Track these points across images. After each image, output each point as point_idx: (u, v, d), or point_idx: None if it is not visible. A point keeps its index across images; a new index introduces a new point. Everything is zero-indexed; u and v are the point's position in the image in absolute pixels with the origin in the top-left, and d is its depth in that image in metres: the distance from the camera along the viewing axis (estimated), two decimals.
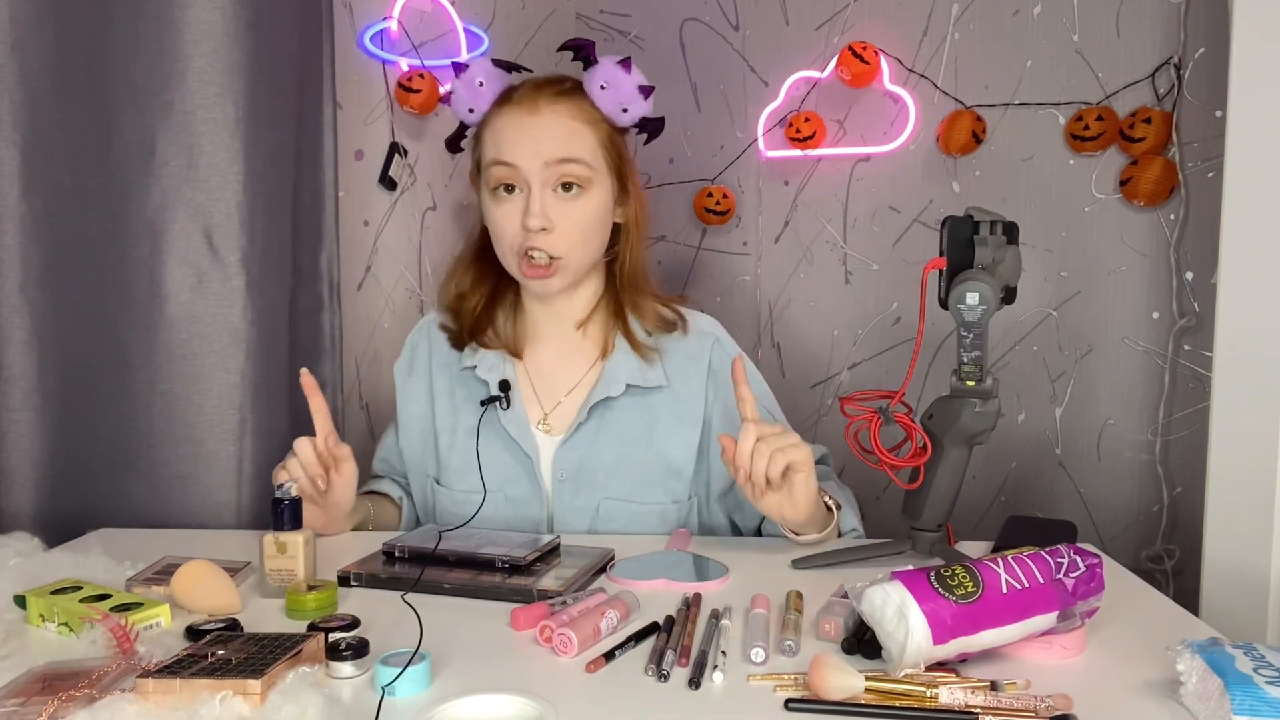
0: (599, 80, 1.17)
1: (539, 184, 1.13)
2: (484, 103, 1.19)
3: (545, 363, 1.26)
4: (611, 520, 1.19)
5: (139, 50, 1.25)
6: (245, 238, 1.31)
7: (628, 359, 1.21)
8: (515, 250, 1.16)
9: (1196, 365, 1.82)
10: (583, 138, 1.16)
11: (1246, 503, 1.39)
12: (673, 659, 0.78)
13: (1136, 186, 1.82)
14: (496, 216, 1.16)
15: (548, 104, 1.15)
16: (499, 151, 1.15)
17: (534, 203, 1.13)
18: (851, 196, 2.12)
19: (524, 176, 1.14)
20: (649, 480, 1.19)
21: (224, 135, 1.28)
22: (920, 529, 1.03)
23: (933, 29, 2.01)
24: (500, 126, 1.16)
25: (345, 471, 1.13)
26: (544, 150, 1.13)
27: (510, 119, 1.16)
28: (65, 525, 1.25)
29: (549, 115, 1.15)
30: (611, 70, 1.17)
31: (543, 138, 1.14)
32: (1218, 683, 0.66)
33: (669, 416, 1.21)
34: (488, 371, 1.23)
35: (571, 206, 1.15)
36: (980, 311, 0.97)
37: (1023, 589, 0.76)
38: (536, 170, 1.13)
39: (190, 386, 1.29)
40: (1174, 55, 1.81)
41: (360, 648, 0.77)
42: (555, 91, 1.17)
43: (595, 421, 1.20)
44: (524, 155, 1.13)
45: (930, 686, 0.70)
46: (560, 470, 1.20)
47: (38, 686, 0.72)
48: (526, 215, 1.13)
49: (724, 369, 1.22)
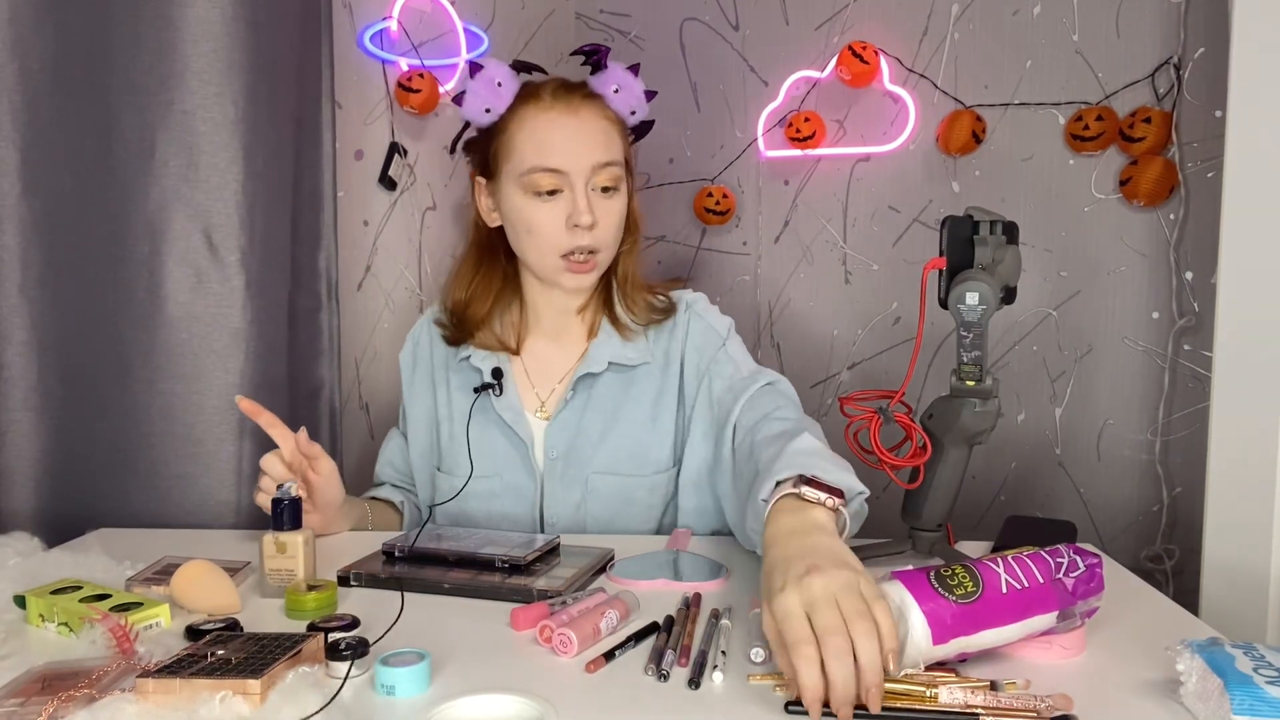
0: (612, 84, 1.20)
1: (583, 185, 1.16)
2: (502, 103, 1.19)
3: (542, 351, 1.28)
4: (601, 495, 1.21)
5: (139, 50, 1.25)
6: (245, 238, 1.31)
7: (611, 339, 1.24)
8: (557, 249, 1.18)
9: (1196, 365, 1.82)
10: (614, 139, 1.19)
11: (1246, 503, 1.39)
12: (672, 659, 0.78)
13: (1136, 186, 1.82)
14: (538, 219, 1.17)
15: (583, 106, 1.18)
16: (544, 157, 1.15)
17: (581, 200, 1.15)
18: (851, 196, 2.12)
19: (569, 179, 1.16)
20: (635, 453, 1.22)
21: (224, 135, 1.28)
22: (920, 529, 1.03)
23: (933, 29, 2.01)
24: (540, 129, 1.16)
25: (322, 469, 1.13)
26: (589, 154, 1.16)
27: (551, 121, 1.16)
28: (65, 525, 1.25)
29: (588, 116, 1.17)
30: (623, 74, 1.21)
31: (587, 140, 1.16)
32: (1218, 683, 0.66)
33: (652, 390, 1.23)
34: (482, 360, 1.26)
35: (610, 205, 1.19)
36: (980, 311, 0.97)
37: (1023, 589, 0.76)
38: (583, 172, 1.15)
39: (190, 386, 1.29)
40: (1174, 55, 1.81)
41: (360, 648, 0.77)
42: (584, 93, 1.19)
43: (581, 399, 1.23)
44: (571, 159, 1.15)
45: (930, 686, 0.70)
46: (552, 449, 1.22)
47: (38, 686, 0.72)
48: (576, 214, 1.15)
49: (699, 334, 1.25)
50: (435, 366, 1.32)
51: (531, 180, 1.16)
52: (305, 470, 1.12)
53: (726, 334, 1.26)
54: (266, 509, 1.03)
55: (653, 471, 1.22)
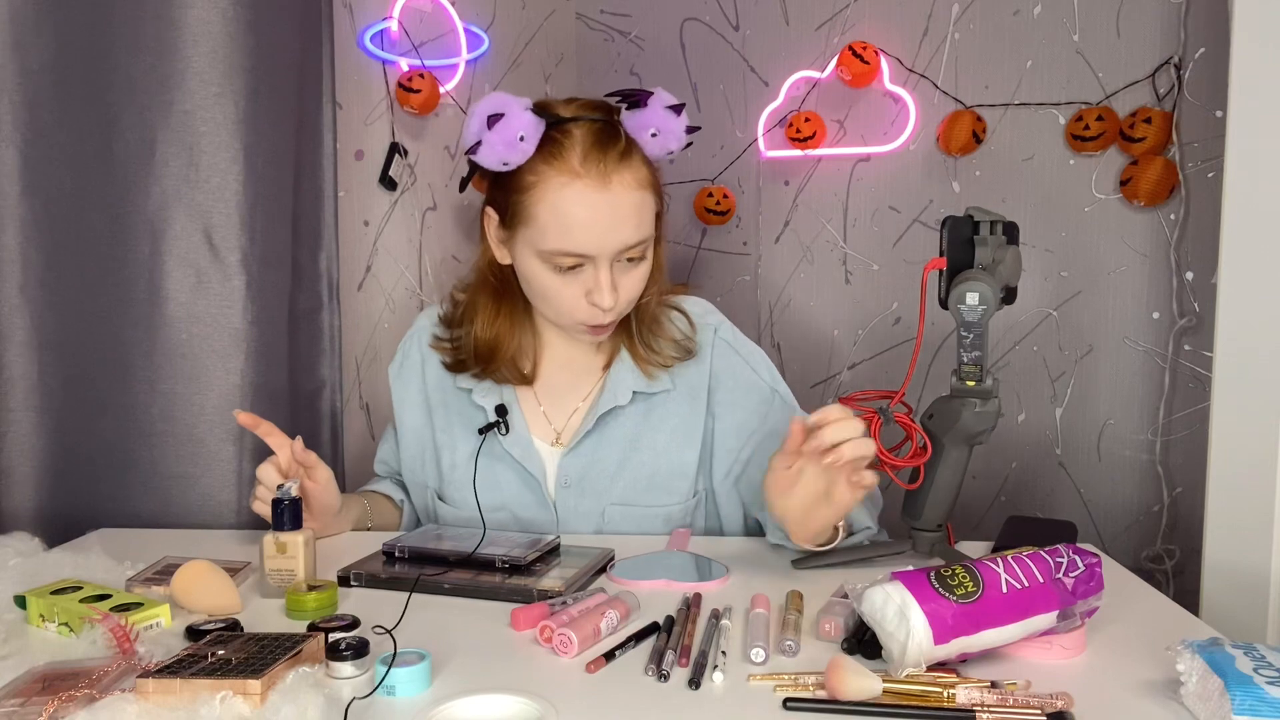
0: (650, 127, 1.09)
1: (607, 262, 1.07)
2: (524, 158, 1.07)
3: (555, 380, 1.24)
4: (617, 526, 1.19)
5: (139, 50, 1.25)
6: (245, 238, 1.31)
7: (629, 367, 1.20)
8: (578, 318, 1.12)
9: (1196, 365, 1.82)
10: (648, 211, 1.09)
11: (1246, 503, 1.39)
12: (673, 659, 0.78)
13: (1136, 186, 1.82)
14: (554, 289, 1.10)
15: (616, 175, 1.05)
16: (568, 240, 1.05)
17: (604, 278, 1.07)
18: (851, 196, 2.12)
19: (595, 260, 1.07)
20: (654, 484, 1.19)
21: (224, 135, 1.28)
22: (920, 529, 1.03)
23: (933, 29, 2.01)
24: (564, 205, 1.04)
25: (319, 477, 1.11)
26: (619, 237, 1.06)
27: (578, 197, 1.04)
28: (65, 525, 1.25)
29: (620, 191, 1.05)
30: (664, 117, 1.09)
31: (616, 221, 1.05)
32: (1218, 683, 0.66)
33: (674, 418, 1.20)
34: (483, 397, 1.20)
35: (635, 273, 1.12)
36: (980, 311, 0.97)
37: (1023, 588, 0.76)
38: (609, 255, 1.07)
39: (190, 386, 1.29)
40: (1174, 55, 1.81)
41: (360, 648, 0.77)
42: (617, 156, 1.06)
43: (600, 429, 1.19)
44: (598, 243, 1.05)
45: (948, 687, 0.70)
46: (563, 477, 1.19)
47: (38, 686, 0.72)
48: (597, 292, 1.07)
49: (723, 358, 1.22)
50: (429, 388, 1.26)
51: (551, 258, 1.07)
52: (302, 478, 1.11)
53: (773, 380, 1.22)
54: (265, 516, 1.02)
55: (671, 502, 1.19)
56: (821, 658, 0.78)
